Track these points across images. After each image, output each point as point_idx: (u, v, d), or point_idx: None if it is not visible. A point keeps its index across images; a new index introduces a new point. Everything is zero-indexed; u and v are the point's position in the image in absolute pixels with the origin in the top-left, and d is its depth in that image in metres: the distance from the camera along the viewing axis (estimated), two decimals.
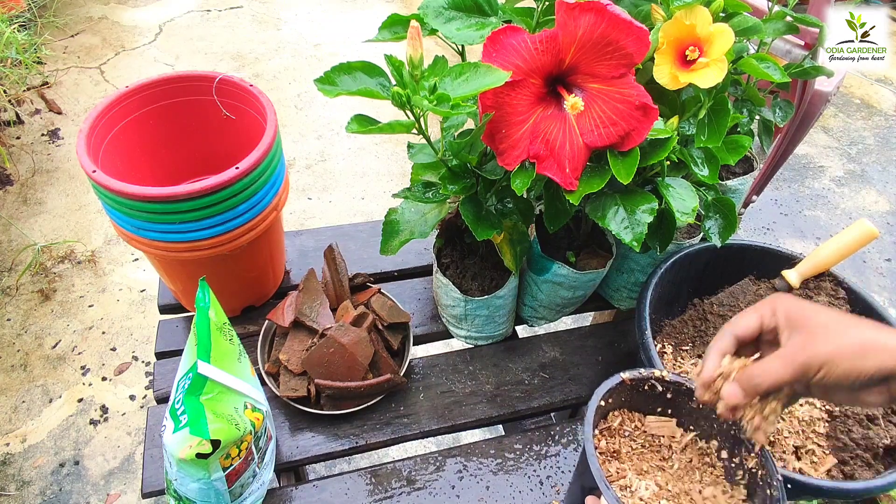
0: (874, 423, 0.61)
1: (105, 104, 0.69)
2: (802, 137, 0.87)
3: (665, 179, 0.63)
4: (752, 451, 0.50)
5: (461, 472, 0.69)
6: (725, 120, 0.62)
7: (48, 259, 1.65)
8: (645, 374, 0.53)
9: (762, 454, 0.50)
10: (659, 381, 0.54)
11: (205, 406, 0.51)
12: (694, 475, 0.53)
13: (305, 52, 2.52)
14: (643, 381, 0.54)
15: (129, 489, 1.24)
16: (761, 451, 0.50)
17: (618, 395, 0.55)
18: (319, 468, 1.21)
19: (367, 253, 0.91)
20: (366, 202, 1.91)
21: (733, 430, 0.52)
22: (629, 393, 0.55)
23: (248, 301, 0.82)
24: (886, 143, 2.34)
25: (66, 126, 2.08)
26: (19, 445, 1.29)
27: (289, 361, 0.71)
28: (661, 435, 0.55)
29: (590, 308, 0.90)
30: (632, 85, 0.54)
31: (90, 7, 2.66)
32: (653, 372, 0.54)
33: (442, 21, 0.58)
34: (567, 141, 0.56)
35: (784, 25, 0.68)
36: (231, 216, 0.65)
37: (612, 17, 0.50)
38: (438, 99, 0.49)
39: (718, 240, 0.69)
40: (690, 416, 0.55)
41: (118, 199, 0.61)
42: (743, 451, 0.51)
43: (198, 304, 0.51)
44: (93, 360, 1.45)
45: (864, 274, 1.84)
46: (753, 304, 0.48)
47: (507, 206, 0.67)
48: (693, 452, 0.54)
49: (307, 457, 0.69)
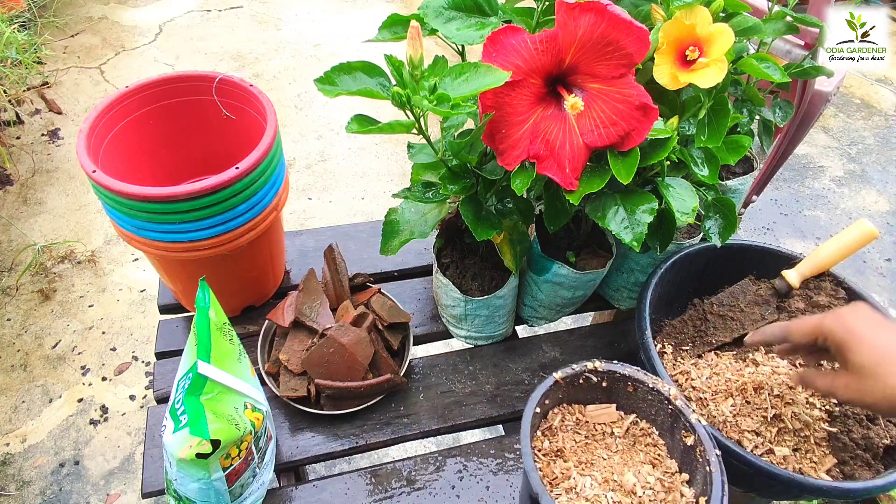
0: (874, 423, 0.61)
1: (105, 104, 0.69)
2: (802, 137, 0.87)
3: (665, 179, 0.63)
4: (690, 429, 0.51)
5: (461, 472, 0.69)
6: (725, 120, 0.62)
7: (48, 259, 1.65)
8: (578, 369, 0.54)
9: (698, 430, 0.50)
10: (593, 373, 0.55)
11: (205, 406, 0.51)
12: (637, 456, 0.53)
13: (305, 52, 2.52)
14: (577, 376, 0.54)
15: (129, 489, 1.24)
16: (697, 427, 0.50)
17: (554, 394, 0.55)
18: (319, 468, 1.21)
19: (367, 253, 0.91)
20: (366, 202, 1.91)
21: (671, 408, 0.52)
22: (566, 390, 0.55)
23: (248, 301, 0.82)
24: (886, 143, 2.34)
25: (66, 126, 2.08)
26: (19, 445, 1.29)
27: (289, 361, 0.71)
28: (602, 422, 0.56)
29: (590, 308, 0.90)
30: (632, 85, 0.54)
31: (90, 7, 2.66)
32: (585, 365, 0.54)
33: (442, 21, 0.58)
34: (567, 141, 0.56)
35: (784, 25, 0.68)
36: (231, 216, 0.65)
37: (612, 17, 0.50)
38: (438, 99, 0.49)
39: (718, 240, 0.69)
40: (628, 399, 0.56)
41: (118, 199, 0.61)
42: (681, 429, 0.52)
43: (198, 304, 0.51)
44: (93, 360, 1.45)
45: (864, 274, 1.84)
46: (807, 317, 0.50)
47: (507, 206, 0.67)
48: (635, 434, 0.55)
49: (307, 457, 0.69)
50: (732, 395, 0.64)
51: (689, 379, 0.68)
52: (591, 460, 0.52)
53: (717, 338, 0.72)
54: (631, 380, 0.55)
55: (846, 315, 0.47)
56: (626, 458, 0.53)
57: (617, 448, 0.54)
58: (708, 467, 0.48)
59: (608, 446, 0.54)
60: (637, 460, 0.53)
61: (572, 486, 0.49)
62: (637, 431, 0.56)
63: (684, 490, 0.50)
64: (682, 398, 0.51)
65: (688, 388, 0.67)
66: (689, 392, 0.67)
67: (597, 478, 0.50)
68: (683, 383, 0.68)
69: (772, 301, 0.72)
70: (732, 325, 0.72)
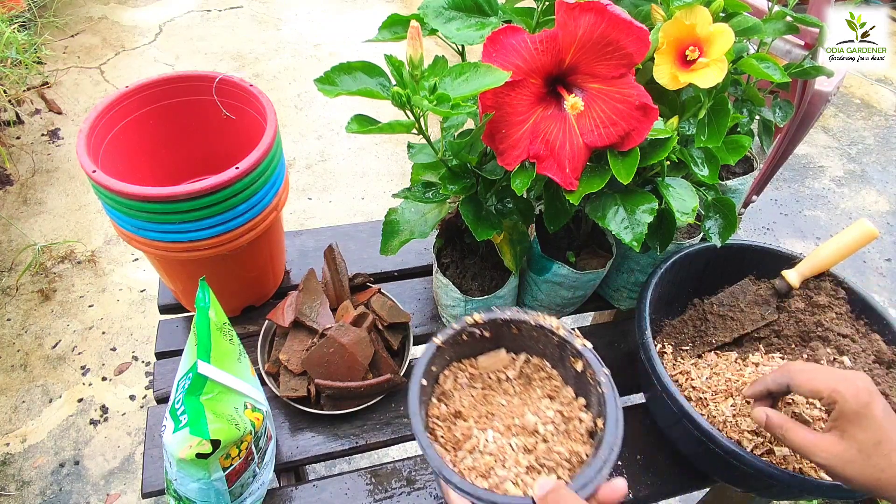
0: None
1: (105, 104, 0.69)
2: (802, 137, 0.87)
3: (665, 179, 0.63)
4: (577, 355, 0.50)
5: None
6: (725, 120, 0.62)
7: (48, 259, 1.65)
8: (458, 328, 0.53)
9: (585, 355, 0.50)
10: (474, 327, 0.53)
11: (205, 406, 0.51)
12: (535, 393, 0.53)
13: (305, 52, 2.52)
14: (459, 334, 0.53)
15: (129, 489, 1.24)
16: (584, 351, 0.50)
17: (441, 359, 0.53)
18: (319, 468, 1.21)
19: (367, 253, 0.91)
20: (366, 202, 1.91)
21: (556, 339, 0.52)
22: (452, 351, 0.54)
23: (248, 301, 0.82)
24: (886, 143, 2.34)
25: (66, 126, 2.08)
26: (19, 445, 1.29)
27: (289, 361, 0.71)
28: (495, 370, 0.55)
29: (590, 308, 0.90)
30: (632, 85, 0.54)
31: (90, 7, 2.66)
32: (465, 321, 0.53)
33: (442, 21, 0.58)
34: (567, 141, 0.56)
35: (784, 25, 0.68)
36: (231, 216, 0.65)
37: (612, 17, 0.50)
38: (438, 99, 0.49)
39: (718, 240, 0.69)
40: (514, 341, 0.55)
41: (118, 199, 0.61)
42: (570, 357, 0.51)
43: (198, 304, 0.51)
44: (93, 360, 1.45)
45: (864, 274, 1.84)
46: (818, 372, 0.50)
47: (507, 206, 0.67)
48: (529, 373, 0.55)
49: (307, 457, 0.69)
50: (732, 395, 0.64)
51: (689, 379, 0.68)
52: (491, 411, 0.52)
53: (717, 338, 0.72)
54: (513, 322, 0.54)
55: (863, 390, 0.47)
56: (524, 398, 0.53)
57: (515, 391, 0.53)
58: (599, 388, 0.48)
59: (506, 391, 0.54)
60: (536, 397, 0.52)
61: (475, 446, 0.49)
62: (530, 369, 0.55)
63: (582, 416, 0.50)
64: (566, 327, 0.51)
65: (688, 388, 0.67)
66: (689, 392, 0.67)
67: (499, 428, 0.50)
68: (683, 383, 0.68)
69: (772, 301, 0.72)
70: (732, 325, 0.72)
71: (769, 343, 0.71)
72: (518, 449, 0.48)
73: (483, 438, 0.49)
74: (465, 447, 0.49)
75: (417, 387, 0.49)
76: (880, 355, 0.66)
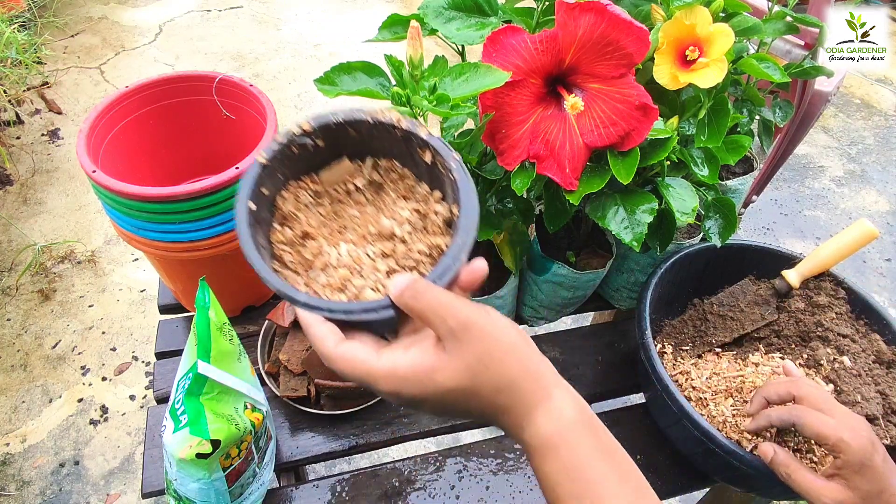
0: (874, 423, 0.61)
1: (105, 104, 0.69)
2: (802, 137, 0.87)
3: (665, 179, 0.63)
4: (424, 145, 0.45)
5: (461, 472, 0.69)
6: (725, 120, 0.62)
7: (48, 259, 1.65)
8: (284, 140, 0.46)
9: (431, 143, 0.45)
10: (304, 136, 0.47)
11: (205, 406, 0.51)
12: (390, 196, 0.48)
13: (305, 52, 2.52)
14: (287, 147, 0.46)
15: (129, 489, 1.24)
16: (430, 140, 0.45)
17: (272, 179, 0.47)
18: (319, 468, 1.21)
19: None
20: None
21: (399, 133, 0.47)
22: (284, 169, 0.48)
23: (248, 301, 0.82)
24: (886, 143, 2.34)
25: (66, 126, 2.08)
26: (19, 445, 1.29)
27: (289, 361, 0.71)
28: (341, 181, 0.49)
29: (590, 308, 0.90)
30: (632, 85, 0.54)
31: (90, 7, 2.66)
32: (290, 130, 0.46)
33: (442, 21, 0.58)
34: (567, 141, 0.56)
35: (784, 25, 0.68)
36: (231, 216, 0.65)
37: (612, 17, 0.50)
38: (438, 99, 0.49)
39: (718, 240, 0.69)
40: (356, 146, 0.49)
41: (118, 199, 0.61)
42: (417, 150, 0.46)
43: (198, 304, 0.51)
44: (93, 360, 1.45)
45: (864, 274, 1.84)
46: None
47: (507, 206, 0.67)
48: (379, 178, 0.49)
49: (307, 457, 0.69)
50: (732, 395, 0.64)
51: (689, 379, 0.68)
52: (344, 224, 0.47)
53: (717, 338, 0.72)
54: (348, 124, 0.47)
55: (867, 440, 0.49)
56: (378, 205, 0.48)
57: (367, 199, 0.48)
58: (451, 175, 0.43)
59: (357, 202, 0.48)
60: (390, 200, 0.48)
61: (327, 262, 0.45)
62: (381, 174, 0.49)
63: (438, 208, 0.46)
64: (408, 119, 0.46)
65: (688, 388, 0.67)
66: (689, 392, 0.67)
67: (352, 239, 0.46)
68: (683, 383, 0.68)
69: (772, 301, 0.72)
70: (732, 325, 0.72)
71: (769, 343, 0.71)
72: (376, 256, 0.44)
73: (335, 253, 0.45)
74: (316, 266, 0.45)
75: (244, 210, 0.44)
76: (880, 355, 0.66)
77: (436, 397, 0.35)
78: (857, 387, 0.63)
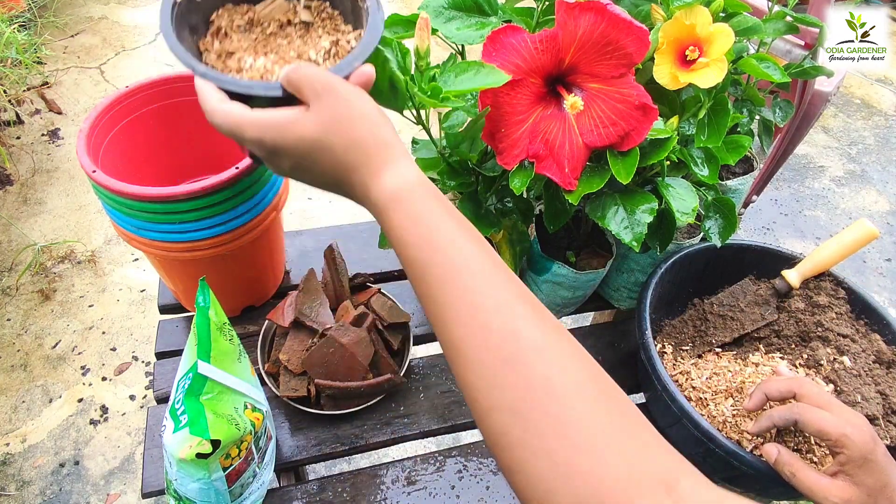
0: (874, 423, 0.61)
1: (105, 104, 0.69)
2: (802, 137, 0.87)
3: (665, 179, 0.63)
4: None
5: (461, 472, 0.69)
6: (725, 120, 0.62)
7: (48, 259, 1.65)
8: None
9: None
10: None
11: (205, 406, 0.51)
12: (316, 33, 0.51)
13: None
14: None
15: (129, 489, 1.24)
16: None
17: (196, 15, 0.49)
18: (319, 468, 1.21)
19: (367, 253, 0.91)
20: None
21: None
22: None
23: (248, 301, 0.82)
24: (886, 143, 2.34)
25: (66, 126, 2.08)
26: (19, 445, 1.29)
27: (289, 361, 0.71)
28: (276, 17, 0.51)
29: (590, 308, 0.90)
30: (632, 85, 0.54)
31: (90, 7, 2.66)
32: None
33: (442, 21, 0.58)
34: (567, 141, 0.56)
35: (784, 25, 0.68)
36: (231, 216, 0.65)
37: (612, 17, 0.50)
38: (432, 91, 0.49)
39: (718, 240, 0.69)
40: None
41: (118, 199, 0.61)
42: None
43: (198, 304, 0.51)
44: (93, 360, 1.45)
45: (864, 274, 1.84)
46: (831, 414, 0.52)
47: (507, 205, 0.67)
48: (311, 17, 0.52)
49: (307, 457, 0.69)
50: (732, 395, 0.64)
51: (689, 379, 0.68)
52: (269, 49, 0.50)
53: (717, 338, 0.72)
54: None
55: (868, 435, 0.50)
56: (306, 39, 0.51)
57: (297, 34, 0.51)
58: (361, 3, 0.47)
59: (287, 35, 0.51)
60: (316, 36, 0.51)
61: (242, 67, 0.47)
62: (312, 14, 0.52)
63: (350, 38, 0.49)
64: None
65: (688, 388, 0.67)
66: (689, 392, 0.67)
67: (272, 58, 0.48)
68: (683, 383, 0.68)
69: (772, 301, 0.72)
70: (732, 325, 0.72)
71: (769, 343, 0.71)
72: None
73: (251, 60, 0.47)
74: (231, 67, 0.47)
75: (169, 14, 0.47)
76: (880, 355, 0.66)
77: (293, 147, 0.39)
78: (858, 387, 0.63)
